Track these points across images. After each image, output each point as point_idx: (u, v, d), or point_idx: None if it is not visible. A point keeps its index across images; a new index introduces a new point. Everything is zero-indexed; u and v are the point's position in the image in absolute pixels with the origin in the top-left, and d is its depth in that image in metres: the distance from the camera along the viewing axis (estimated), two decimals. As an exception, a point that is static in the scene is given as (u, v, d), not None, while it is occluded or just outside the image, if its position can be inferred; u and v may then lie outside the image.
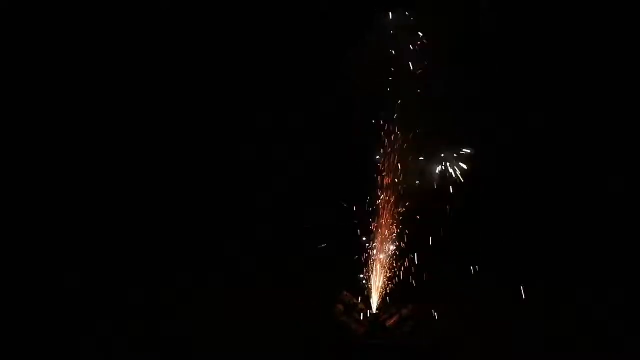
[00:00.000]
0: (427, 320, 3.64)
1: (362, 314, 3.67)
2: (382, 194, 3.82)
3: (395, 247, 3.86)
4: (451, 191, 3.89)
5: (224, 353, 3.53)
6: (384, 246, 3.81)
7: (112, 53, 4.75)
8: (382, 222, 3.80)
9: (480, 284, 4.95)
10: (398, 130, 3.78)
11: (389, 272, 3.82)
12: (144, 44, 4.75)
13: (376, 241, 3.81)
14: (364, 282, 3.83)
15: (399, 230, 3.88)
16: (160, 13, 4.66)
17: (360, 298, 3.81)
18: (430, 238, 3.97)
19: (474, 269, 4.22)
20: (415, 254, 3.85)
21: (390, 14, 3.79)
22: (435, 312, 3.72)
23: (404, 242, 3.89)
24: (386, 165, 3.78)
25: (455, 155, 3.86)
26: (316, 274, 4.95)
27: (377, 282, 3.75)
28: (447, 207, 4.01)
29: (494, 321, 4.08)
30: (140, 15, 4.67)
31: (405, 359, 3.26)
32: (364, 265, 3.87)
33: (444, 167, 3.86)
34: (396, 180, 3.77)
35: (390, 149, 3.80)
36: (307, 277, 5.05)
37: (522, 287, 4.00)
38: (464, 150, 3.87)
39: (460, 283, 4.85)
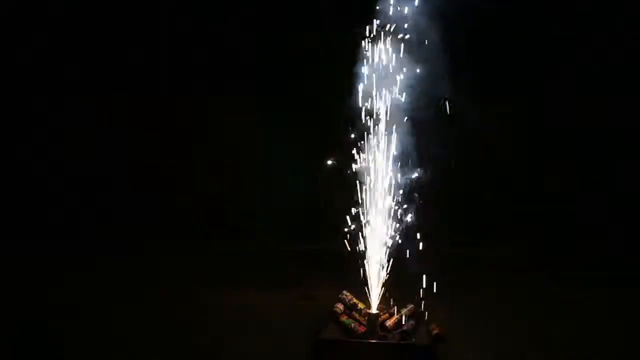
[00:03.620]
0: (427, 320, 3.64)
1: (362, 314, 3.66)
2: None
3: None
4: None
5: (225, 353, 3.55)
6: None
7: None
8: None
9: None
10: None
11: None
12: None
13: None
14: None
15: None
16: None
17: (360, 298, 3.80)
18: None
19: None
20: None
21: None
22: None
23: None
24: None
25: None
26: (316, 273, 4.97)
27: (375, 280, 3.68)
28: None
29: (494, 319, 4.09)
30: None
31: (405, 359, 3.25)
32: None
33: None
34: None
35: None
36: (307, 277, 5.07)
37: None
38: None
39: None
